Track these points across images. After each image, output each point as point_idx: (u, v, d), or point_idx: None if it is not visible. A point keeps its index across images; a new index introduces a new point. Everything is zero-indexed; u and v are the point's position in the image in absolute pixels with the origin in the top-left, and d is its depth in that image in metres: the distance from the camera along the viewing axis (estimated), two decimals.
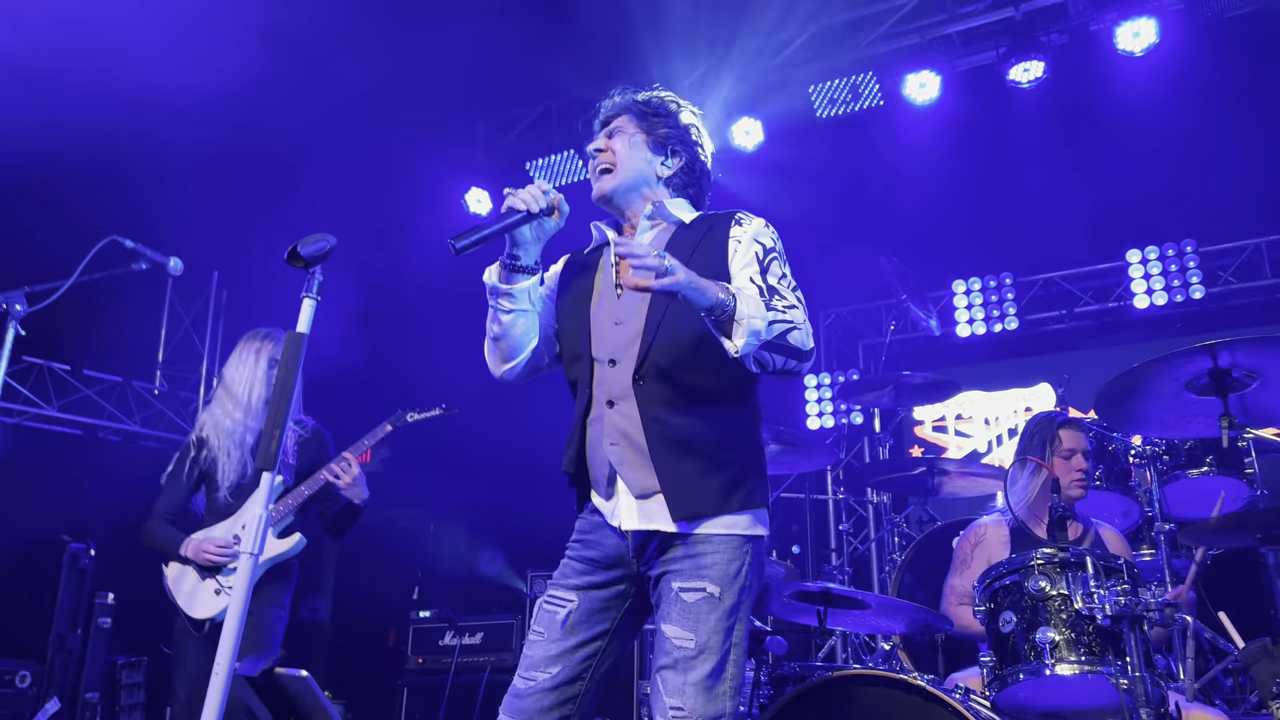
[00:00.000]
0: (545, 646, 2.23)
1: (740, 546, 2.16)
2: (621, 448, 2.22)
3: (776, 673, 3.46)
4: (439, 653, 6.65)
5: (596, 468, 2.29)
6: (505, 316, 2.37)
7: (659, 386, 2.21)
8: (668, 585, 2.16)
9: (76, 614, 6.05)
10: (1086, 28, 6.39)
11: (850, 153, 7.04)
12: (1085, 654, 2.57)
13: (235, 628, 1.65)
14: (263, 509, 1.76)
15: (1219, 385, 2.80)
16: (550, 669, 2.20)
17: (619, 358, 2.27)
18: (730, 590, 2.13)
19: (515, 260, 2.34)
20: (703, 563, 2.13)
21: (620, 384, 2.25)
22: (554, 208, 2.33)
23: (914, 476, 5.25)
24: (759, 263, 2.23)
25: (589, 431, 2.31)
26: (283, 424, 1.76)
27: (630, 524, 2.21)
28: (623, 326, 2.29)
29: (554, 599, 2.28)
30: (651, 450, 2.19)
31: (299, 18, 6.37)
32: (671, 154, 2.45)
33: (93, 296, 4.00)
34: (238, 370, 3.91)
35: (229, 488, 3.77)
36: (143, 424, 7.39)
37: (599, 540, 2.29)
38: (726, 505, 2.16)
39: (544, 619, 2.27)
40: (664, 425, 2.19)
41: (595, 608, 2.26)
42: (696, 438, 2.19)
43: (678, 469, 2.17)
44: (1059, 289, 7.54)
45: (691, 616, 2.10)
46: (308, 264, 1.91)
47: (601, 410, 2.27)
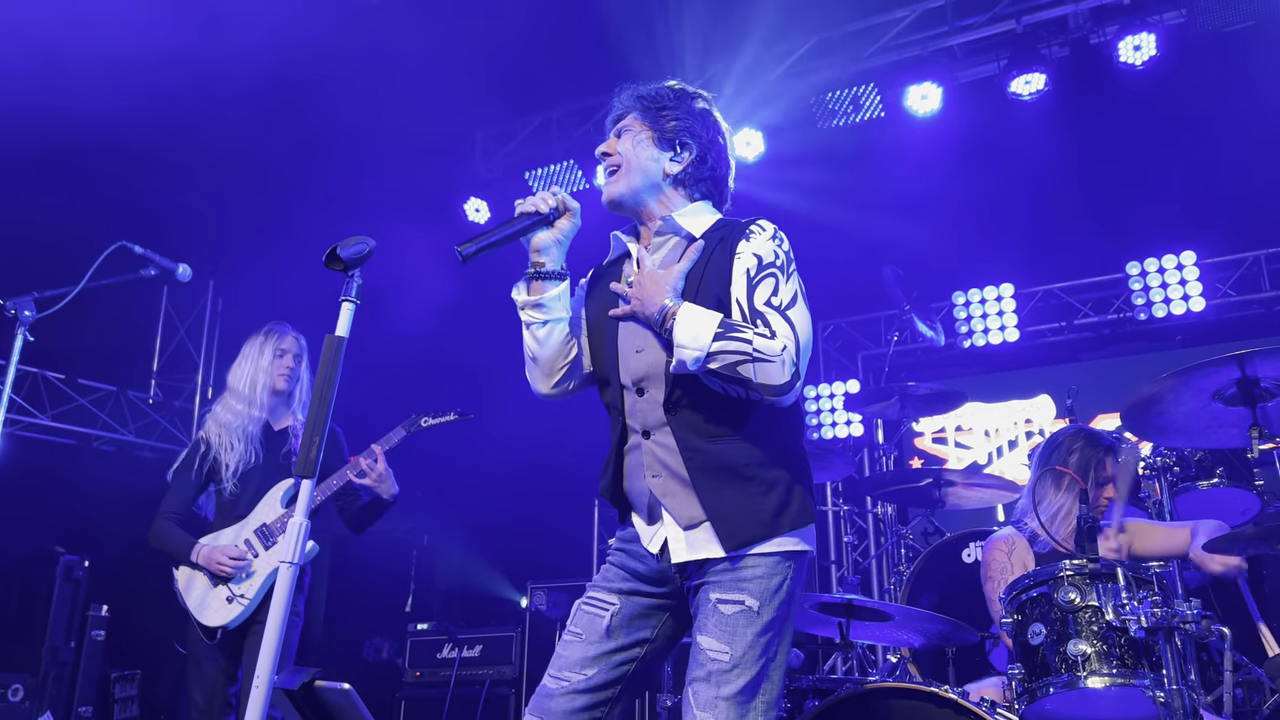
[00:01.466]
0: (583, 648, 2.17)
1: (783, 562, 2.10)
2: (664, 479, 2.17)
3: (794, 685, 3.42)
4: (436, 665, 6.58)
5: (636, 496, 2.24)
6: (540, 330, 2.30)
7: (692, 413, 2.15)
8: (706, 596, 2.10)
9: (70, 626, 5.95)
10: (1087, 40, 6.43)
11: (851, 164, 7.05)
12: (1118, 666, 2.54)
13: (276, 637, 1.60)
14: (304, 518, 1.71)
15: (1247, 395, 2.78)
16: (586, 670, 2.15)
17: (647, 386, 2.21)
18: (770, 605, 2.06)
19: (540, 268, 2.28)
20: (743, 575, 2.08)
21: (653, 414, 2.19)
22: (564, 209, 2.28)
23: (919, 488, 5.22)
24: (747, 281, 2.14)
25: (627, 460, 2.25)
26: (323, 431, 1.72)
27: (679, 556, 2.15)
28: (644, 354, 2.22)
29: (595, 600, 2.23)
30: (694, 481, 2.13)
31: (297, 29, 6.35)
32: (680, 147, 2.34)
33: (88, 305, 3.95)
34: (242, 366, 3.92)
35: (234, 478, 3.75)
36: (137, 434, 7.31)
37: (644, 553, 2.24)
38: (777, 528, 2.10)
39: (583, 620, 2.21)
40: (703, 453, 2.13)
41: (638, 613, 2.21)
42: (739, 461, 2.13)
43: (723, 498, 2.11)
44: (1059, 300, 7.55)
45: (728, 629, 2.04)
46: (347, 267, 1.87)
47: (638, 440, 2.22)
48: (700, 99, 2.42)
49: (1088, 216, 7.02)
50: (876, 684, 2.81)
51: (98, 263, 3.25)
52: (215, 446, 3.81)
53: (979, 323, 7.54)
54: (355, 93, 7.01)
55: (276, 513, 3.74)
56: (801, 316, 2.12)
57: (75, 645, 5.93)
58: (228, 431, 3.80)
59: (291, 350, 3.93)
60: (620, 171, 2.34)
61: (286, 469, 3.81)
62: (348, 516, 3.90)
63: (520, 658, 6.35)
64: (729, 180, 2.45)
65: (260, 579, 3.63)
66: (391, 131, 7.18)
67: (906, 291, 6.14)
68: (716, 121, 2.42)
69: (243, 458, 3.76)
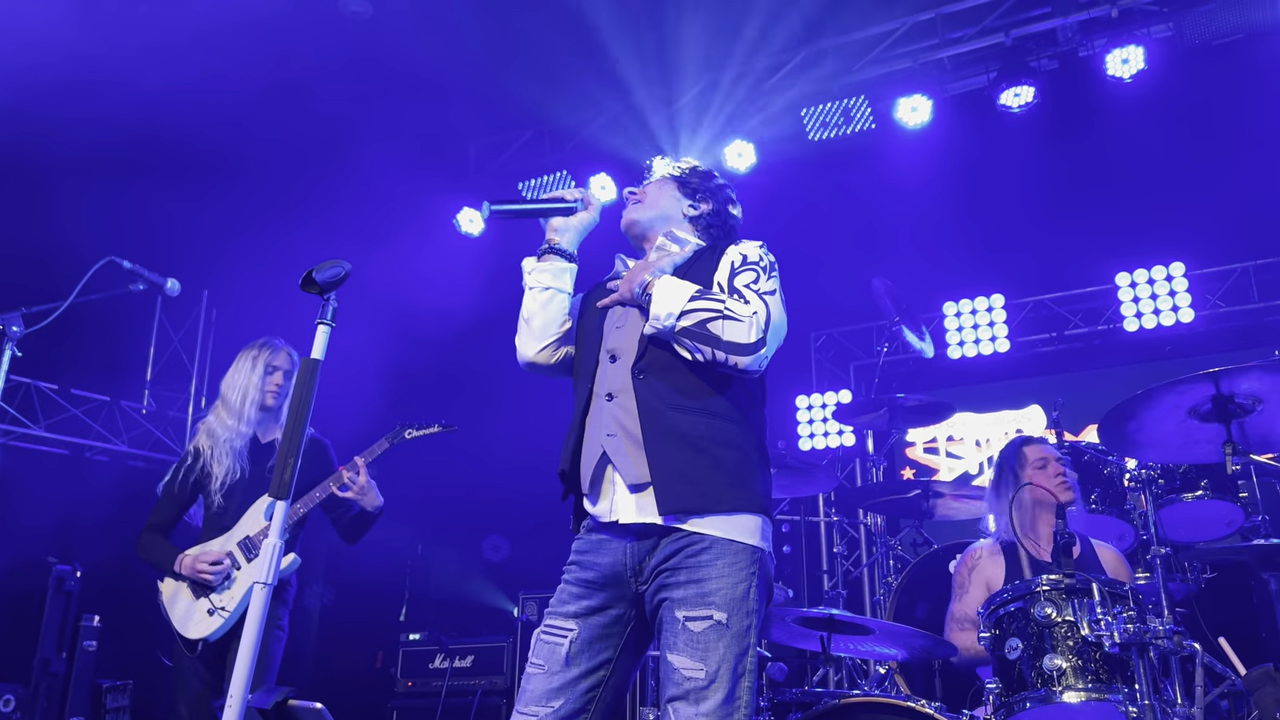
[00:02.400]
0: (546, 679, 2.17)
1: (745, 566, 2.11)
2: (618, 438, 2.22)
3: (777, 699, 3.43)
4: (429, 675, 6.60)
5: (588, 460, 2.27)
6: (542, 294, 2.45)
7: (658, 381, 2.23)
8: (671, 614, 2.11)
9: (62, 637, 5.96)
10: (1076, 53, 6.48)
11: (842, 175, 7.09)
12: (1093, 681, 2.57)
13: (249, 659, 1.62)
14: (277, 539, 1.73)
15: (1222, 411, 2.81)
16: (552, 703, 2.15)
17: (619, 354, 2.32)
18: (738, 614, 2.08)
19: (554, 244, 2.48)
20: (707, 589, 2.08)
21: (620, 378, 2.28)
22: (588, 204, 2.51)
23: (908, 499, 5.24)
24: (731, 270, 2.32)
25: (587, 428, 2.31)
26: (297, 452, 1.74)
27: (627, 516, 2.18)
28: (622, 329, 2.35)
29: (552, 629, 2.23)
30: (647, 441, 2.18)
31: (290, 39, 6.38)
32: (700, 199, 2.58)
33: (81, 315, 3.98)
34: (233, 378, 3.94)
35: (221, 491, 3.77)
36: (130, 444, 7.32)
37: (595, 560, 2.25)
38: (720, 503, 2.13)
39: (543, 651, 2.22)
40: (662, 418, 2.19)
41: (596, 635, 2.21)
42: (694, 432, 2.18)
43: (671, 460, 2.15)
44: (1049, 311, 7.58)
45: (700, 646, 2.05)
46: (323, 290, 1.89)
47: (600, 404, 2.29)
48: (726, 185, 2.67)
49: (1077, 227, 7.05)
50: (855, 698, 2.83)
51: (85, 278, 3.27)
52: (205, 457, 3.83)
53: (969, 333, 7.56)
54: (349, 104, 7.05)
55: (260, 525, 3.76)
56: (776, 303, 2.27)
57: (67, 656, 5.94)
58: (217, 444, 3.83)
59: (283, 367, 3.95)
60: (644, 202, 2.57)
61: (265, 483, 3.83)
62: (340, 528, 3.92)
63: (512, 668, 6.36)
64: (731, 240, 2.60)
65: (241, 591, 3.65)
66: (385, 142, 7.21)
67: (897, 302, 6.17)
68: (731, 198, 2.65)
69: (230, 472, 3.79)
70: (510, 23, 6.85)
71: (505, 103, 7.53)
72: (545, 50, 6.92)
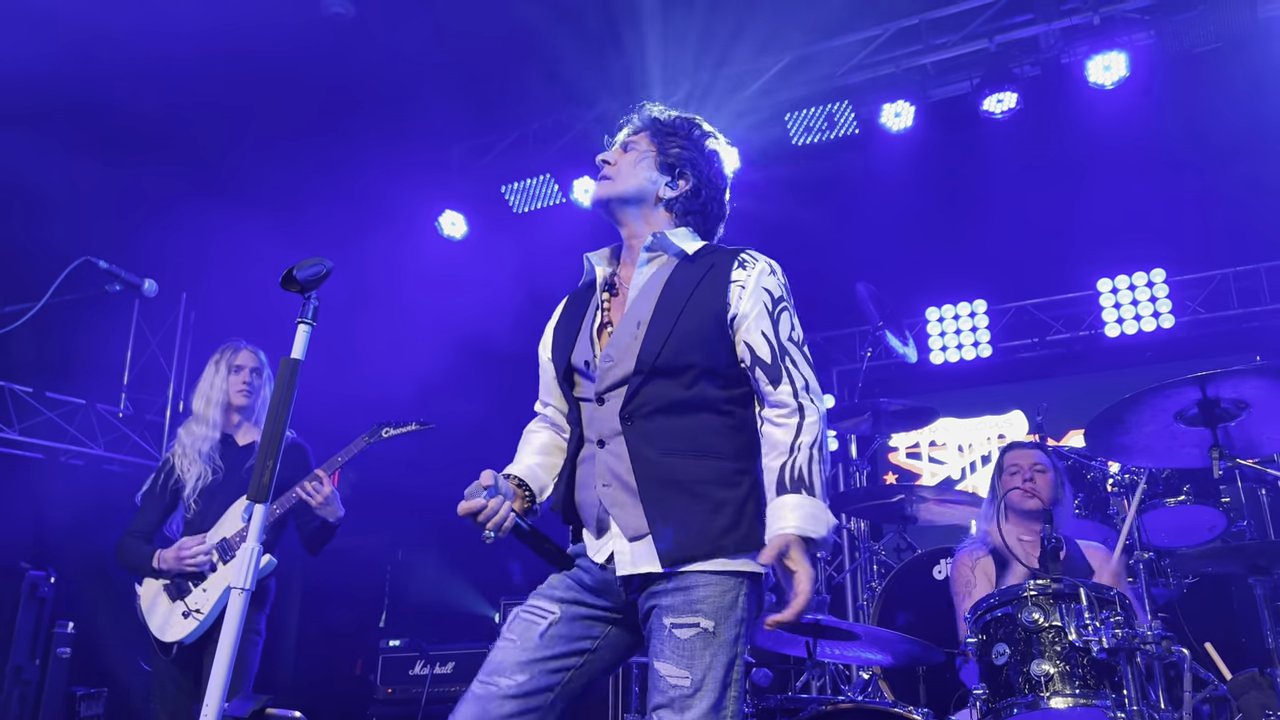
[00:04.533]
0: (515, 653, 2.12)
1: (735, 577, 2.08)
2: (613, 489, 2.15)
3: (762, 705, 3.41)
4: (409, 683, 6.52)
5: (587, 508, 2.22)
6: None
7: (649, 424, 2.14)
8: (659, 621, 2.07)
9: (35, 644, 5.86)
10: (1058, 60, 6.49)
11: (826, 180, 7.09)
12: (1080, 687, 2.55)
13: (226, 665, 1.58)
14: (255, 543, 1.69)
15: (1208, 416, 2.81)
16: (517, 675, 2.09)
17: (608, 397, 2.20)
18: (725, 624, 2.04)
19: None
20: (694, 597, 2.04)
21: (610, 423, 2.18)
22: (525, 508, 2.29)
23: (891, 504, 5.23)
24: (770, 316, 2.18)
25: (579, 471, 2.24)
26: (276, 454, 1.70)
27: (624, 569, 2.12)
28: (612, 365, 2.21)
29: (535, 608, 2.19)
30: (642, 492, 2.11)
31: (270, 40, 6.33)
32: (678, 176, 2.36)
33: (57, 317, 3.91)
34: (200, 387, 3.95)
35: (195, 495, 3.77)
36: (107, 448, 7.22)
37: (589, 565, 2.21)
38: (720, 549, 2.07)
39: (519, 627, 2.17)
40: (655, 465, 2.12)
41: (578, 623, 2.17)
42: (689, 478, 2.11)
43: (669, 510, 2.09)
44: (1031, 317, 7.61)
45: (686, 654, 2.01)
46: (304, 289, 1.85)
47: (592, 450, 2.21)
48: (713, 139, 2.45)
49: (1059, 233, 7.08)
50: (841, 704, 2.81)
51: (60, 278, 3.22)
52: (178, 468, 3.84)
53: (952, 338, 7.58)
54: (329, 105, 6.99)
55: (238, 527, 3.72)
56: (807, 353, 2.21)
57: (40, 663, 5.83)
58: (185, 451, 3.84)
59: (248, 365, 3.94)
60: (614, 177, 2.35)
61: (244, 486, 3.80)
62: (304, 536, 3.88)
63: None
64: (718, 225, 2.47)
65: (216, 594, 3.61)
66: (367, 144, 7.16)
67: (880, 307, 6.17)
68: (721, 165, 2.44)
69: (201, 475, 3.78)
70: (493, 24, 6.82)
71: (489, 104, 7.49)
72: (529, 52, 6.89)
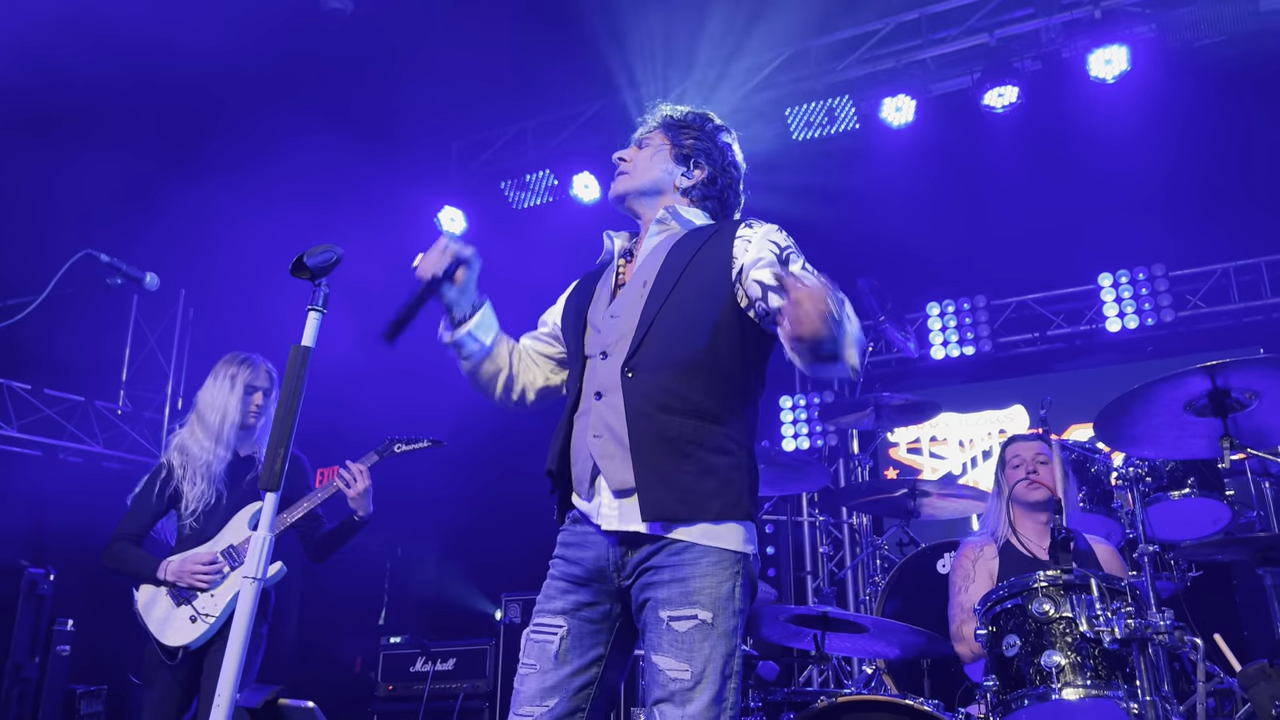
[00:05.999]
0: (539, 679, 2.13)
1: (730, 566, 2.06)
2: (604, 440, 2.14)
3: (769, 699, 3.39)
4: (410, 679, 6.51)
5: (579, 464, 2.21)
6: (465, 364, 2.39)
7: (648, 379, 2.14)
8: (655, 614, 2.06)
9: (34, 642, 5.84)
10: (1059, 54, 6.48)
11: (826, 175, 7.06)
12: (1092, 678, 2.54)
13: (238, 656, 1.56)
14: (267, 531, 1.67)
15: (1218, 406, 2.79)
16: (547, 701, 2.10)
17: (611, 351, 2.22)
18: (723, 614, 2.03)
19: (450, 317, 2.34)
20: (691, 588, 2.03)
21: (610, 376, 2.18)
22: (459, 261, 2.28)
23: (894, 498, 5.22)
24: (777, 256, 2.17)
25: (575, 426, 2.24)
26: (288, 442, 1.68)
27: (610, 524, 2.11)
28: (618, 320, 2.25)
29: (542, 628, 2.18)
30: (633, 444, 2.10)
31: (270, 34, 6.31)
32: (694, 166, 2.41)
33: (55, 313, 3.88)
34: (212, 395, 3.79)
35: (194, 516, 3.65)
36: (105, 445, 7.20)
37: (579, 554, 2.20)
38: (705, 511, 2.06)
39: (534, 650, 2.17)
40: (650, 420, 2.11)
41: (586, 631, 2.16)
42: (681, 436, 2.09)
43: (656, 465, 2.08)
44: (1032, 312, 7.60)
45: (685, 646, 2.00)
46: (314, 276, 1.84)
47: (590, 404, 2.21)
48: (726, 133, 2.50)
49: (1060, 228, 7.07)
50: (852, 696, 2.79)
51: (61, 272, 3.19)
52: (178, 476, 3.71)
53: (953, 333, 7.58)
54: (328, 101, 6.97)
55: (244, 535, 3.64)
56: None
57: (40, 661, 5.82)
58: (192, 464, 3.71)
59: (262, 387, 3.83)
60: (630, 173, 2.42)
61: (253, 494, 3.72)
62: (310, 544, 3.80)
63: (494, 671, 6.28)
64: (736, 212, 2.50)
65: (226, 598, 3.53)
66: (365, 140, 7.14)
67: (881, 303, 6.16)
68: (735, 156, 2.49)
69: (203, 496, 3.66)
70: (492, 20, 6.81)
71: (487, 101, 7.47)
72: (528, 49, 6.87)
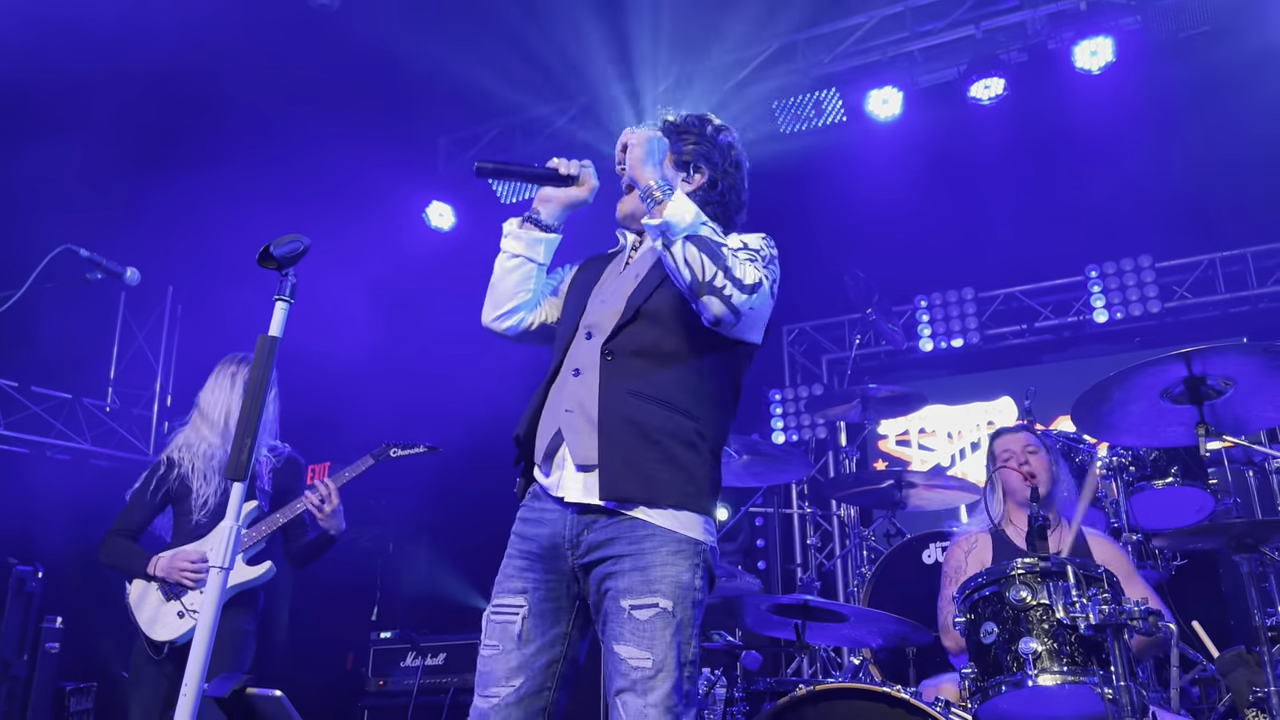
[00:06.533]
0: (503, 659, 2.14)
1: (689, 555, 2.08)
2: (574, 415, 2.17)
3: (751, 689, 3.41)
4: (401, 674, 6.51)
5: (545, 433, 2.23)
6: (510, 261, 2.42)
7: (625, 363, 2.18)
8: (615, 603, 2.07)
9: (23, 639, 5.83)
10: (1045, 46, 6.49)
11: (814, 168, 7.07)
12: (1068, 664, 2.55)
13: (205, 646, 1.56)
14: (234, 521, 1.68)
15: (1194, 393, 2.81)
16: (513, 681, 2.11)
17: (594, 332, 2.26)
18: (683, 603, 2.05)
19: (536, 214, 2.44)
20: (651, 576, 2.05)
21: (590, 355, 2.22)
22: (584, 181, 2.42)
23: (881, 490, 5.23)
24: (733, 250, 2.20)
25: (549, 399, 2.27)
26: (255, 431, 1.69)
27: (572, 495, 2.13)
28: (605, 304, 2.29)
29: (502, 608, 2.19)
30: (601, 422, 2.13)
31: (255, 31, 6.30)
32: (694, 171, 2.43)
33: (41, 310, 3.89)
34: (213, 394, 3.81)
35: (206, 512, 3.66)
36: (93, 442, 7.19)
37: (536, 530, 2.21)
38: (663, 499, 2.08)
39: (496, 631, 2.18)
40: (620, 402, 2.14)
41: (547, 610, 2.17)
42: (650, 424, 2.12)
43: (621, 446, 2.10)
44: (1020, 304, 7.62)
45: (646, 635, 2.02)
46: (281, 265, 1.84)
47: (566, 379, 2.24)
48: (727, 133, 2.51)
49: (1047, 220, 7.09)
50: (830, 685, 2.80)
51: (40, 267, 3.19)
52: (186, 472, 3.70)
53: (941, 325, 7.59)
54: (317, 96, 6.95)
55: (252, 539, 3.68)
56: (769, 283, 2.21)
57: (28, 659, 5.81)
58: (199, 460, 3.71)
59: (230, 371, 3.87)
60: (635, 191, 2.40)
61: (249, 493, 3.73)
62: (292, 550, 3.80)
63: None
64: (739, 215, 2.52)
65: None
66: (353, 135, 7.13)
67: (869, 295, 6.16)
68: (738, 157, 2.50)
69: (215, 494, 3.66)
70: (479, 14, 6.79)
71: (475, 95, 7.46)
72: (516, 43, 6.86)
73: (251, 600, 3.66)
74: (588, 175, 2.43)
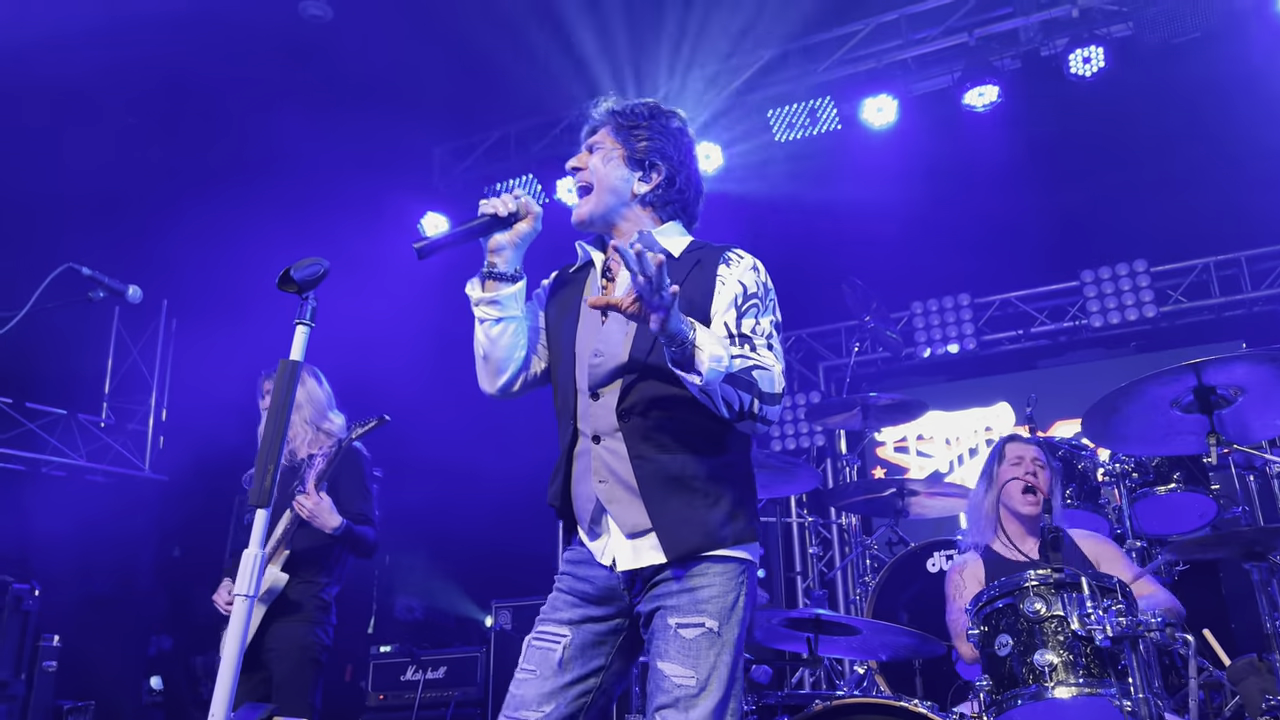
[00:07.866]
0: (538, 684, 2.13)
1: (736, 576, 2.10)
2: (610, 485, 2.16)
3: (763, 702, 3.39)
4: (400, 688, 6.47)
5: (582, 503, 2.22)
6: (494, 328, 2.26)
7: (645, 421, 2.15)
8: (663, 621, 2.07)
9: (20, 658, 5.79)
10: (1038, 53, 6.53)
11: (809, 176, 7.08)
12: (1085, 676, 2.55)
13: (231, 673, 1.55)
14: (258, 548, 1.66)
15: (1204, 403, 2.81)
16: (543, 707, 2.11)
17: (602, 391, 2.20)
18: (729, 624, 2.06)
19: (493, 268, 2.27)
20: (700, 597, 2.06)
21: (605, 419, 2.18)
22: (525, 212, 2.26)
23: (882, 498, 5.23)
24: (736, 308, 2.15)
25: (575, 466, 2.24)
26: (277, 458, 1.67)
27: (625, 564, 2.14)
28: (603, 360, 2.21)
29: (546, 635, 2.19)
30: (642, 488, 2.12)
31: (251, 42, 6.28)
32: (650, 168, 2.33)
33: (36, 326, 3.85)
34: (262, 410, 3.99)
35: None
36: (89, 458, 7.14)
37: (590, 574, 2.21)
38: (721, 540, 2.10)
39: (535, 656, 2.17)
40: (653, 462, 2.13)
41: (590, 641, 2.18)
42: (686, 473, 2.13)
43: (669, 506, 2.10)
44: (1016, 309, 7.64)
45: (691, 653, 2.03)
46: (301, 289, 1.82)
47: (587, 445, 2.21)
48: (675, 118, 2.42)
49: (1042, 226, 7.11)
50: (847, 699, 2.79)
51: (43, 286, 3.17)
52: None
53: (938, 332, 7.61)
54: (310, 108, 6.94)
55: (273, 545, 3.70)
56: (778, 348, 2.16)
57: (26, 677, 5.76)
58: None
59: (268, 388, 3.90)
60: (591, 193, 2.33)
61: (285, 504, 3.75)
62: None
63: (485, 678, 6.26)
64: (698, 203, 2.44)
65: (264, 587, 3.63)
66: (348, 147, 7.11)
67: (866, 302, 6.17)
68: (689, 142, 2.41)
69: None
70: (473, 25, 6.78)
71: (470, 106, 7.45)
72: (510, 54, 6.86)
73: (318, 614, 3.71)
74: (527, 204, 2.28)
